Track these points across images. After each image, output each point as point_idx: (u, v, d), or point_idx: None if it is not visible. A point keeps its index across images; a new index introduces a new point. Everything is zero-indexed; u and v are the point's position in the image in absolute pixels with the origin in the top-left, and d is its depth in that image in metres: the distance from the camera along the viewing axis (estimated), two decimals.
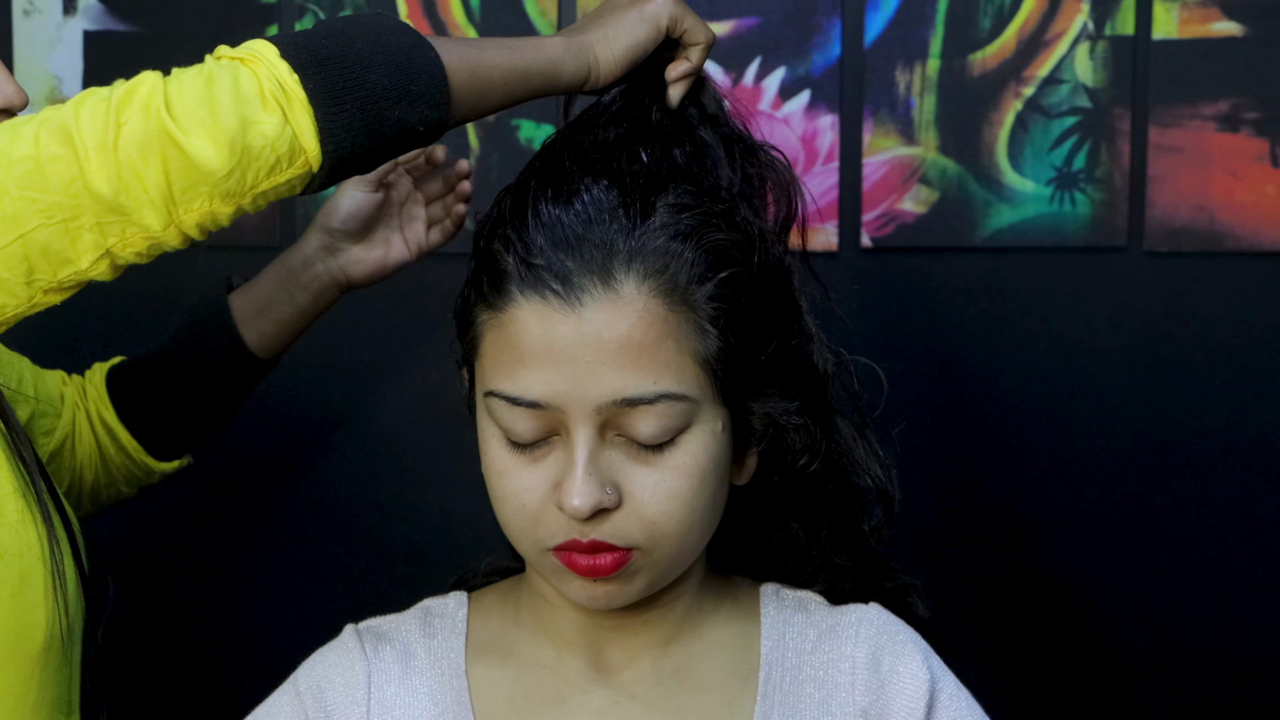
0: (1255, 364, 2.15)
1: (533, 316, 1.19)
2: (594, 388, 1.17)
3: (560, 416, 1.19)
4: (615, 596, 1.22)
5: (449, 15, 2.23)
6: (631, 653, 1.28)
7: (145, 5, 2.24)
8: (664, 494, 1.20)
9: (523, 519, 1.22)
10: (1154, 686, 2.21)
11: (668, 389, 1.18)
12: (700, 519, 1.23)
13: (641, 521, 1.20)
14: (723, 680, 1.28)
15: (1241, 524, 2.18)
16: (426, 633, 1.31)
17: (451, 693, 1.28)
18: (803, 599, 1.33)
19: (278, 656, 1.43)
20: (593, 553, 1.20)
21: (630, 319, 1.18)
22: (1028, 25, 2.13)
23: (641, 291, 1.18)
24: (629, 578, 1.22)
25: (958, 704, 1.29)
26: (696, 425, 1.21)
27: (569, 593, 1.23)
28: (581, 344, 1.17)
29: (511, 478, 1.22)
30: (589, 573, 1.20)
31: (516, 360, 1.20)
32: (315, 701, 1.28)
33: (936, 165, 2.13)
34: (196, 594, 2.28)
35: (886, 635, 1.29)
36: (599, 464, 1.19)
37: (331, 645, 1.32)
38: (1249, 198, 2.11)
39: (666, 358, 1.18)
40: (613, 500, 1.19)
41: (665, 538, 1.21)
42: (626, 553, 1.20)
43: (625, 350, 1.17)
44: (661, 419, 1.19)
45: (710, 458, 1.22)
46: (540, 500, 1.21)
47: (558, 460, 1.20)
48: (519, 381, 1.19)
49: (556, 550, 1.21)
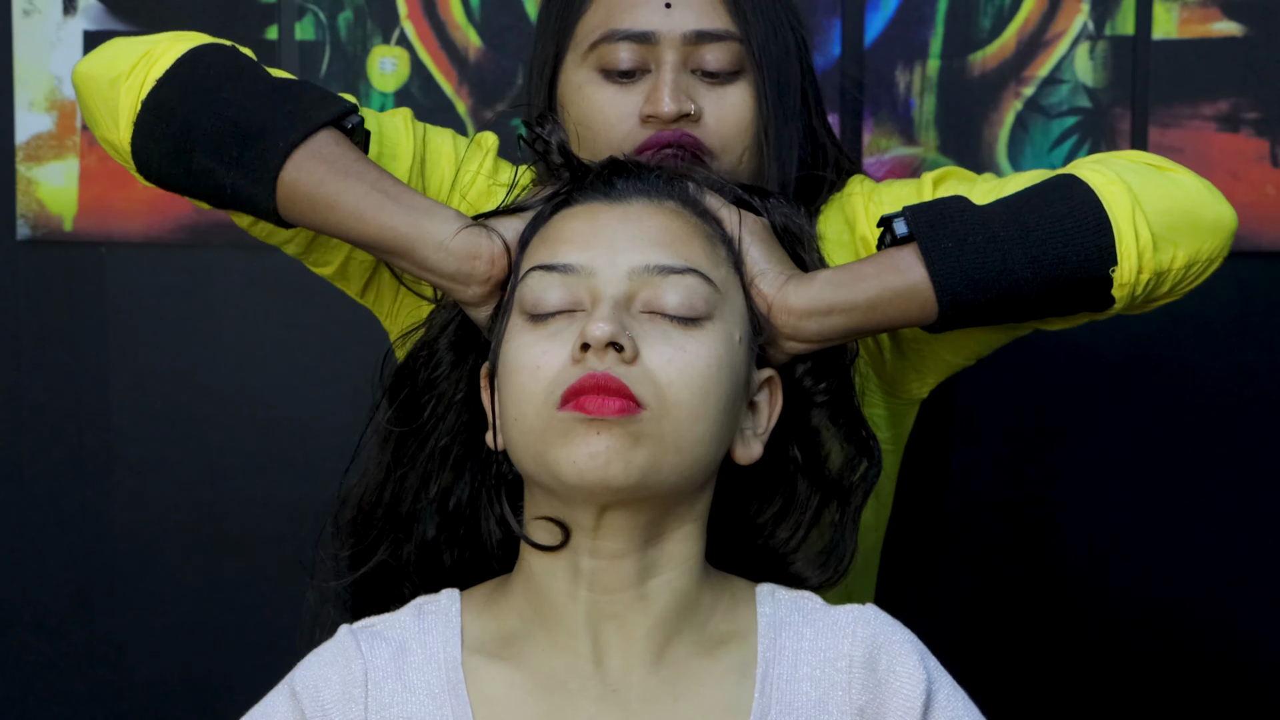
0: (1255, 364, 2.15)
1: (582, 210, 1.32)
2: (628, 255, 1.27)
3: (590, 282, 1.26)
4: (615, 459, 1.22)
5: (449, 15, 2.23)
6: (629, 648, 1.28)
7: (145, 5, 2.24)
8: (680, 362, 1.24)
9: (536, 380, 1.24)
10: (1152, 686, 2.21)
11: (697, 266, 1.28)
12: (710, 410, 1.25)
13: (655, 380, 1.23)
14: (720, 678, 1.28)
15: (1241, 523, 2.18)
16: (421, 629, 1.31)
17: (449, 688, 1.28)
18: (799, 598, 1.33)
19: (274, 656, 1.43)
20: (604, 390, 1.22)
21: (669, 215, 1.31)
22: (1028, 25, 2.13)
23: (681, 210, 1.32)
24: (633, 440, 1.22)
25: (954, 704, 1.29)
26: (718, 319, 1.27)
27: (572, 457, 1.23)
28: (624, 224, 1.29)
29: (530, 346, 1.26)
30: (597, 410, 1.21)
31: (559, 240, 1.30)
32: (312, 701, 1.28)
33: (936, 165, 2.13)
34: (193, 595, 2.29)
35: (884, 635, 1.29)
36: (623, 318, 1.24)
37: (327, 645, 1.32)
38: (1249, 198, 2.11)
39: (699, 247, 1.30)
40: (629, 350, 1.23)
41: (676, 405, 1.23)
42: (635, 405, 1.22)
43: (663, 233, 1.29)
44: (688, 292, 1.26)
45: (728, 355, 1.27)
46: (557, 363, 1.24)
47: (578, 328, 1.24)
48: (558, 252, 1.28)
49: (567, 395, 1.22)
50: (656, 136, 1.53)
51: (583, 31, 1.57)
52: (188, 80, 1.47)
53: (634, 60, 1.55)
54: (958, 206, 1.37)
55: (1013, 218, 1.36)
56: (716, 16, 1.55)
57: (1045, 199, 1.38)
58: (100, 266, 2.29)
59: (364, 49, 2.24)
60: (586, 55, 1.57)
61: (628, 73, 1.55)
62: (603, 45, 1.55)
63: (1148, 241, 1.37)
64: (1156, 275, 1.38)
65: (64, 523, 2.32)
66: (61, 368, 2.31)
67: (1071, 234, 1.35)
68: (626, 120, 1.55)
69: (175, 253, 2.27)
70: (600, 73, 1.56)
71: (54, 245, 2.29)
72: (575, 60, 1.58)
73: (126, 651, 2.32)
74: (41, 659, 2.34)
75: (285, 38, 2.25)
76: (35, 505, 2.33)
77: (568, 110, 1.58)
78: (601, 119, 1.55)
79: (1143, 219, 1.37)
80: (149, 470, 2.30)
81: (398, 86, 2.24)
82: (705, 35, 1.55)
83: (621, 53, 1.55)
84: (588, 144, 1.53)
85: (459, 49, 2.23)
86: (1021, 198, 1.39)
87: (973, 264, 1.34)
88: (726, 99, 1.56)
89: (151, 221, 2.27)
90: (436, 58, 2.23)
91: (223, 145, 1.43)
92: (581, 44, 1.57)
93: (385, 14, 2.24)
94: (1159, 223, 1.38)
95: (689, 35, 1.55)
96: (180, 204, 2.26)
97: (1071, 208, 1.36)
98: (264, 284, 2.26)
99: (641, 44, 1.54)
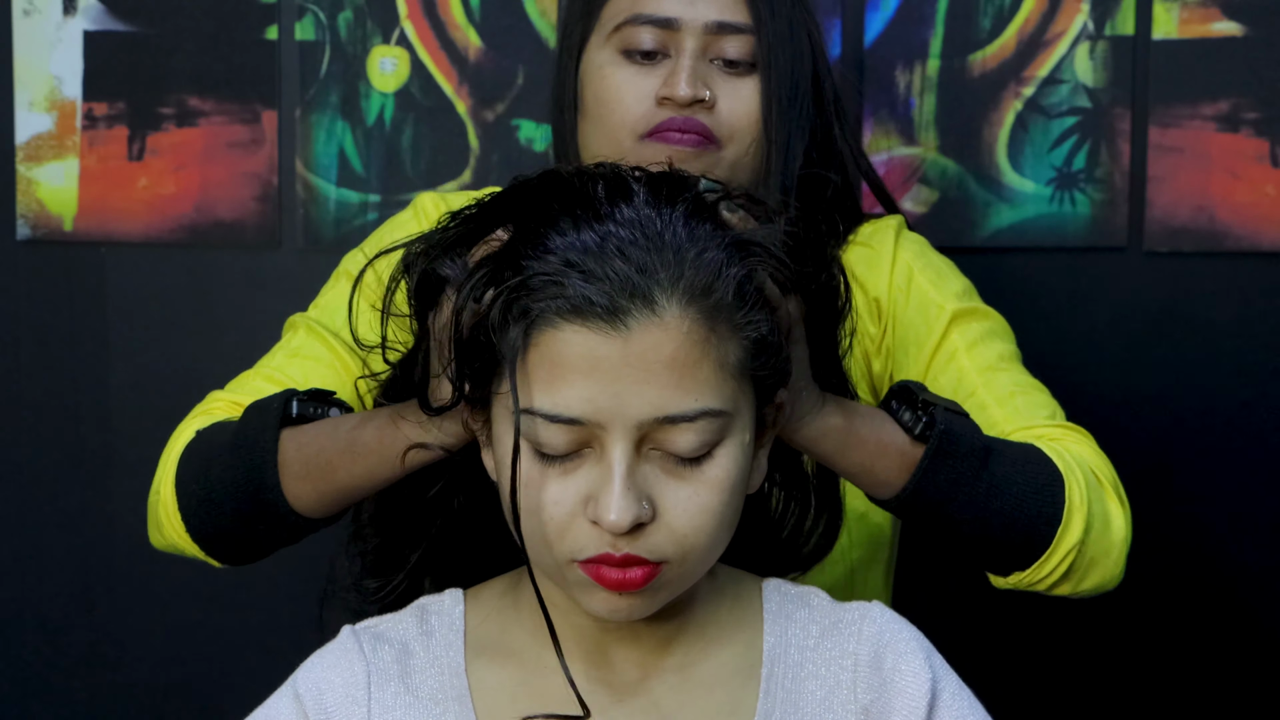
0: (1255, 364, 2.15)
1: (575, 337, 1.17)
2: (636, 405, 1.17)
3: (597, 431, 1.18)
4: (638, 609, 1.23)
5: (449, 15, 2.23)
6: (634, 649, 1.28)
7: (145, 5, 2.24)
8: (697, 508, 1.20)
9: (550, 531, 1.21)
10: (1152, 686, 2.21)
11: (708, 405, 1.19)
12: (726, 531, 1.24)
13: (673, 535, 1.20)
14: (725, 676, 1.28)
15: (1241, 523, 2.18)
16: (424, 631, 1.31)
17: (452, 691, 1.28)
18: (805, 595, 1.33)
19: (275, 657, 1.43)
20: (624, 566, 1.20)
21: (675, 340, 1.18)
22: (1028, 25, 2.13)
23: (686, 315, 1.18)
24: (654, 591, 1.22)
25: (960, 704, 1.29)
26: (730, 438, 1.21)
27: (591, 605, 1.23)
28: (626, 364, 1.17)
29: (541, 490, 1.21)
30: (618, 586, 1.20)
31: (556, 378, 1.18)
32: (315, 703, 1.28)
33: (936, 165, 2.13)
34: (194, 595, 2.28)
35: (889, 633, 1.29)
36: (636, 479, 1.19)
37: (329, 646, 1.31)
38: (1249, 198, 2.11)
39: (707, 374, 1.19)
40: (648, 515, 1.19)
41: (695, 550, 1.21)
42: (656, 566, 1.20)
43: (669, 370, 1.17)
44: (700, 434, 1.19)
45: (740, 469, 1.23)
46: (569, 513, 1.20)
47: (590, 473, 1.20)
48: (559, 398, 1.18)
49: (585, 563, 1.21)
50: (668, 121, 1.61)
51: (608, 14, 1.66)
52: (188, 478, 1.54)
53: (655, 42, 1.63)
54: (974, 446, 1.41)
55: (996, 489, 1.41)
56: (738, 10, 1.63)
57: (1032, 495, 1.44)
58: (100, 266, 2.29)
59: (364, 49, 2.24)
60: (610, 37, 1.65)
61: (649, 54, 1.63)
62: (627, 27, 1.63)
63: (1064, 572, 1.47)
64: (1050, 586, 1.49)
65: (64, 523, 2.32)
66: (61, 368, 2.31)
67: (1028, 533, 1.44)
68: (643, 101, 1.62)
69: (175, 253, 2.27)
70: (622, 54, 1.64)
71: (54, 245, 2.29)
72: (599, 42, 1.66)
73: (127, 652, 2.32)
74: (42, 659, 2.34)
75: (285, 38, 2.25)
76: (35, 505, 2.33)
77: (587, 89, 1.66)
78: (618, 98, 1.63)
79: (1079, 554, 1.47)
80: (149, 470, 2.29)
81: (398, 86, 2.24)
82: (726, 26, 1.63)
83: (644, 35, 1.62)
84: (604, 122, 1.64)
85: (459, 49, 2.23)
86: (1015, 476, 1.43)
87: (947, 501, 1.40)
88: (740, 90, 1.63)
89: (151, 221, 2.27)
90: (436, 58, 2.23)
91: (240, 518, 1.48)
92: (606, 26, 1.65)
93: (385, 14, 2.24)
94: (1079, 561, 1.47)
95: (710, 25, 1.62)
96: (180, 204, 2.27)
97: (1040, 510, 1.44)
98: (264, 284, 2.26)
99: (664, 29, 1.62)
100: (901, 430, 1.39)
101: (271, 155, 2.24)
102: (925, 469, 1.38)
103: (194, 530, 1.53)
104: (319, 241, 2.24)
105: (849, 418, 1.36)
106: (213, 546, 1.54)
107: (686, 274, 1.18)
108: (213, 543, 1.53)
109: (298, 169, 2.24)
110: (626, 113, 1.63)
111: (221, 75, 2.25)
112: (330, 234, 2.24)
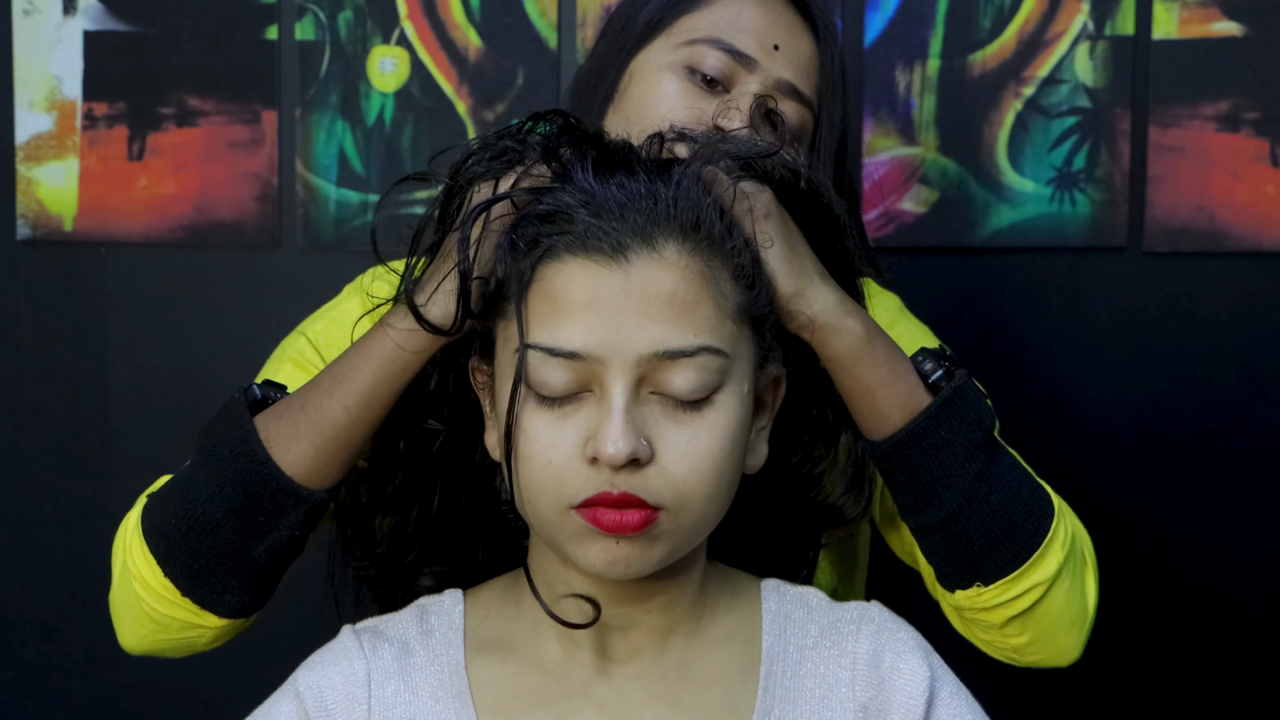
0: (1255, 364, 2.15)
1: (578, 271, 1.20)
2: (636, 339, 1.19)
3: (597, 369, 1.19)
4: (635, 562, 1.22)
5: (449, 15, 2.23)
6: (634, 647, 1.28)
7: (145, 5, 2.24)
8: (696, 453, 1.21)
9: (548, 476, 1.21)
10: (1151, 686, 2.21)
11: (707, 342, 1.21)
12: (724, 486, 1.24)
13: (671, 480, 1.20)
14: (724, 675, 1.28)
15: (1241, 523, 2.18)
16: (424, 630, 1.31)
17: (452, 689, 1.28)
18: (803, 594, 1.33)
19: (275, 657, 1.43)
20: (621, 507, 1.20)
21: (674, 276, 1.20)
22: (1028, 25, 2.13)
23: (683, 252, 1.21)
24: (651, 541, 1.21)
25: (958, 703, 1.29)
26: (729, 385, 1.22)
27: (588, 557, 1.22)
28: (627, 297, 1.19)
29: (539, 434, 1.21)
30: (615, 528, 1.20)
31: (558, 312, 1.20)
32: (315, 702, 1.28)
33: (936, 165, 2.13)
34: None
35: (887, 632, 1.29)
36: (634, 417, 1.19)
37: (330, 646, 1.32)
38: (1249, 198, 2.11)
39: (707, 312, 1.21)
40: (646, 453, 1.19)
41: (693, 499, 1.21)
42: (654, 512, 1.20)
43: (669, 304, 1.20)
44: (699, 373, 1.20)
45: (739, 420, 1.23)
46: (567, 457, 1.20)
47: (589, 415, 1.20)
48: (559, 333, 1.20)
49: (582, 507, 1.20)
50: None
51: (684, 26, 1.61)
52: (160, 524, 1.43)
53: (721, 70, 1.59)
54: (982, 423, 1.39)
55: (986, 479, 1.38)
56: (807, 82, 1.61)
57: (1021, 503, 1.40)
58: (100, 266, 2.29)
59: (364, 49, 2.24)
60: (680, 48, 1.61)
61: (711, 81, 1.59)
62: (700, 45, 1.59)
63: (1026, 607, 1.42)
64: (1005, 620, 1.44)
65: (64, 523, 2.32)
66: (61, 368, 2.31)
67: (1008, 538, 1.39)
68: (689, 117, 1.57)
69: (175, 253, 2.27)
70: (685, 68, 1.60)
71: (54, 245, 2.29)
72: (665, 47, 1.62)
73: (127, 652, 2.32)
74: (41, 659, 2.34)
75: (285, 38, 2.25)
76: (35, 505, 2.33)
77: (634, 84, 1.62)
78: (664, 107, 1.57)
79: (1048, 594, 1.42)
80: (149, 470, 2.29)
81: (397, 86, 2.24)
82: (792, 90, 1.60)
83: (711, 59, 1.59)
84: (639, 121, 1.55)
85: (459, 49, 2.23)
86: (1009, 477, 1.41)
87: (934, 464, 1.36)
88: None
89: (151, 221, 2.27)
90: (436, 58, 2.24)
91: (237, 521, 1.39)
92: (679, 36, 1.61)
93: (385, 14, 2.24)
94: (1046, 606, 1.43)
95: (781, 82, 1.59)
96: (180, 204, 2.27)
97: (1025, 521, 1.40)
98: (264, 284, 2.26)
99: (736, 62, 1.59)
100: (917, 375, 1.38)
101: (271, 155, 2.24)
102: (927, 414, 1.35)
103: (182, 572, 1.41)
104: (319, 241, 2.24)
105: (870, 330, 1.34)
106: (206, 585, 1.41)
107: (676, 212, 1.22)
108: (206, 579, 1.41)
109: (298, 169, 2.24)
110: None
111: (221, 75, 2.25)
112: (330, 234, 2.24)
